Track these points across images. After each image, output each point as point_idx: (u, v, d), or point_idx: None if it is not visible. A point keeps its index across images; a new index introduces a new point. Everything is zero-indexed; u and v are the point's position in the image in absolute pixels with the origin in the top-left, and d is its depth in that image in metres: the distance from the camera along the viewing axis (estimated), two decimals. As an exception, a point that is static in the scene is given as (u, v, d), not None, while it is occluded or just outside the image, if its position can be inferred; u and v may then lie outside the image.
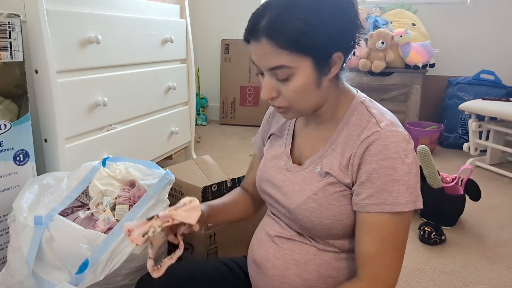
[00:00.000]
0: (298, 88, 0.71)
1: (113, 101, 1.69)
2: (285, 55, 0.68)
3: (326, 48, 0.70)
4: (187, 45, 2.36)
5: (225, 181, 1.33)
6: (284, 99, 0.74)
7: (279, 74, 0.71)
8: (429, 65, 2.94)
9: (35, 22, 1.30)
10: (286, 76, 0.71)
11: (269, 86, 0.73)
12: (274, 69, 0.71)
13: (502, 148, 2.49)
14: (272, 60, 0.70)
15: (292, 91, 0.72)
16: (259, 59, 0.72)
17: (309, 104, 0.75)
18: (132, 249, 1.00)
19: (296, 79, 0.71)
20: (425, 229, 1.67)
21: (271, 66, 0.70)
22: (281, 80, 0.72)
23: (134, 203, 1.15)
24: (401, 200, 0.69)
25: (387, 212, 0.69)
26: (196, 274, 0.92)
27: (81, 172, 1.23)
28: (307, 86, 0.71)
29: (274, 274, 0.82)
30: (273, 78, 0.72)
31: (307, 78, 0.71)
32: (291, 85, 0.71)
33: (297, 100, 0.73)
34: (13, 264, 1.05)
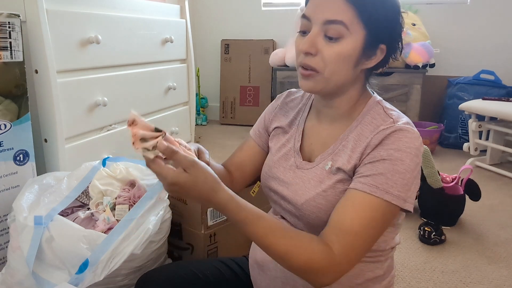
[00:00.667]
0: (341, 53, 0.70)
1: (113, 101, 1.69)
2: (350, 12, 0.69)
3: (381, 32, 0.72)
4: (187, 45, 2.36)
5: (225, 181, 1.33)
6: (321, 61, 0.71)
7: (331, 30, 0.70)
8: (429, 65, 2.94)
9: (35, 22, 1.30)
10: (337, 35, 0.70)
11: (313, 39, 0.71)
12: (331, 22, 0.69)
13: (502, 148, 2.49)
14: (335, 13, 0.69)
15: (335, 53, 0.70)
16: (318, 9, 0.70)
17: (339, 78, 0.73)
18: (132, 249, 1.01)
19: (344, 43, 0.70)
20: (425, 229, 1.67)
21: (331, 19, 0.69)
22: (329, 38, 0.70)
23: (134, 203, 1.15)
24: (393, 191, 0.68)
25: (375, 196, 0.68)
26: (196, 274, 0.92)
27: (81, 172, 1.23)
28: (349, 56, 0.71)
29: (277, 276, 0.82)
30: (320, 35, 0.71)
31: (353, 49, 0.71)
32: (336, 47, 0.70)
33: (333, 66, 0.71)
34: (13, 264, 1.05)
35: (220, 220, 1.32)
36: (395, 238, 0.84)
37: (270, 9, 3.62)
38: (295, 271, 0.69)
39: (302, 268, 0.67)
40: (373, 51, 0.74)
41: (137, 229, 1.05)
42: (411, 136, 0.70)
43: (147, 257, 1.11)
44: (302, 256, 0.66)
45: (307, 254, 0.67)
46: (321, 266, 0.66)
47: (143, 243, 1.03)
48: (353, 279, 0.79)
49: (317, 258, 0.66)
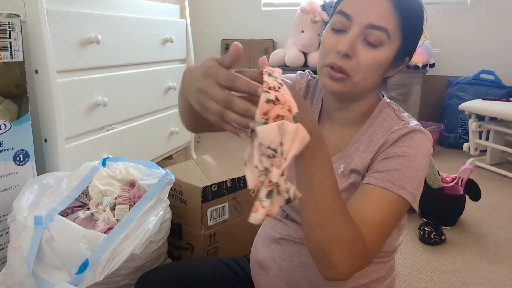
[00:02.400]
0: (377, 60, 0.69)
1: (113, 101, 1.69)
2: (394, 22, 0.68)
3: (411, 45, 0.72)
4: (187, 45, 2.36)
5: (225, 181, 1.33)
6: (356, 65, 0.69)
7: (372, 36, 0.68)
8: (429, 65, 2.93)
9: (35, 22, 1.30)
10: (378, 42, 0.68)
11: (353, 41, 0.68)
12: (375, 28, 0.67)
13: (502, 148, 2.49)
14: (381, 18, 0.67)
15: (371, 59, 0.69)
16: (365, 9, 0.67)
17: (367, 84, 0.72)
18: (132, 249, 1.00)
19: (382, 50, 0.69)
20: (425, 229, 1.67)
21: (376, 24, 0.67)
22: (368, 43, 0.69)
23: (134, 203, 1.15)
24: (408, 187, 0.67)
25: (391, 191, 0.66)
26: (196, 274, 0.92)
27: (81, 172, 1.23)
28: (382, 65, 0.71)
29: (280, 276, 0.81)
30: (359, 37, 0.68)
31: (388, 57, 0.71)
32: (374, 54, 0.69)
33: (366, 72, 0.70)
34: (13, 264, 1.05)
35: (220, 220, 1.32)
36: (398, 239, 0.84)
37: (270, 9, 3.62)
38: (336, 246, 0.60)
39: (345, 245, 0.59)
40: (401, 62, 0.74)
41: (137, 229, 1.05)
42: (423, 136, 0.71)
43: (147, 257, 1.11)
44: (350, 232, 0.60)
45: (354, 233, 0.60)
46: (359, 251, 0.61)
47: (143, 243, 1.03)
48: (358, 280, 0.79)
49: (360, 241, 0.61)
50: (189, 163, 1.47)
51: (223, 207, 1.34)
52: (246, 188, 1.41)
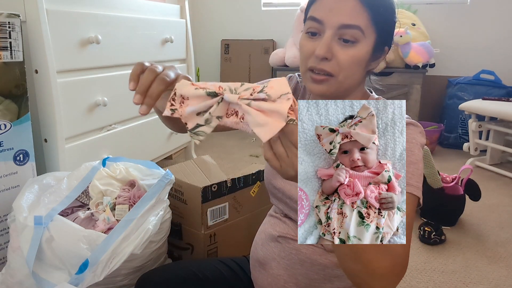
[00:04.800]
0: (356, 56, 0.70)
1: (113, 101, 1.69)
2: (365, 17, 0.69)
3: (387, 35, 0.73)
4: (187, 45, 2.36)
5: (225, 181, 1.33)
6: (336, 65, 0.70)
7: (347, 34, 0.69)
8: (429, 65, 2.94)
9: (35, 22, 1.30)
10: (353, 39, 0.69)
11: (329, 44, 0.69)
12: (346, 27, 0.68)
13: (502, 148, 2.49)
14: (352, 18, 0.68)
15: (350, 57, 0.70)
16: (333, 12, 0.69)
17: (351, 81, 0.74)
18: (132, 249, 1.00)
19: (359, 47, 0.70)
20: (425, 229, 1.67)
21: (346, 23, 0.68)
22: (345, 42, 0.69)
23: (134, 203, 1.15)
24: (413, 182, 0.68)
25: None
26: (196, 274, 0.92)
27: (81, 172, 1.23)
28: (362, 60, 0.72)
29: (280, 273, 0.82)
30: (334, 39, 0.70)
31: (367, 52, 0.71)
32: (352, 51, 0.70)
33: (348, 69, 0.71)
34: (13, 264, 1.05)
35: (220, 220, 1.32)
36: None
37: (270, 9, 3.62)
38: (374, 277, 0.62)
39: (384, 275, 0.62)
40: (380, 54, 0.75)
41: (137, 229, 1.05)
42: (414, 129, 0.72)
43: (147, 257, 1.11)
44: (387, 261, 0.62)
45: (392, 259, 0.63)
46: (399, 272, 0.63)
47: (143, 243, 1.03)
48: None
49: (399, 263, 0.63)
50: (189, 163, 1.47)
51: (223, 207, 1.34)
52: (246, 188, 1.41)
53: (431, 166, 1.79)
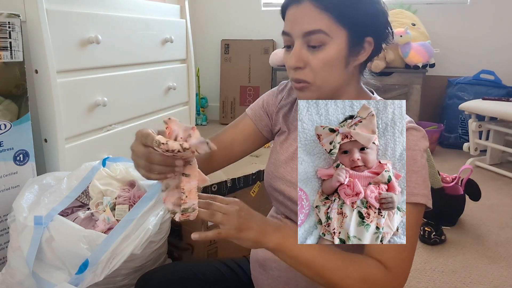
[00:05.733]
0: (327, 59, 0.71)
1: (113, 101, 1.69)
2: (325, 19, 0.69)
3: (362, 27, 0.71)
4: (187, 45, 2.36)
5: (225, 181, 1.33)
6: (310, 72, 0.72)
7: (312, 40, 0.70)
8: (429, 65, 2.94)
9: (35, 22, 1.30)
10: (320, 43, 0.70)
11: (298, 54, 0.72)
12: (310, 33, 0.70)
13: (502, 148, 2.49)
14: (311, 23, 0.69)
15: (321, 61, 0.71)
16: (296, 23, 0.71)
17: (332, 83, 0.74)
18: (132, 249, 1.00)
19: (328, 49, 0.70)
20: (425, 229, 1.67)
21: (308, 30, 0.70)
22: (313, 48, 0.71)
23: (134, 203, 1.15)
24: (418, 191, 0.68)
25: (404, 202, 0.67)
26: (196, 274, 0.92)
27: (81, 172, 1.23)
28: (336, 60, 0.71)
29: (280, 275, 0.81)
30: (303, 47, 0.72)
31: (339, 51, 0.71)
32: (321, 55, 0.71)
33: (322, 73, 0.72)
34: (13, 264, 1.05)
35: (220, 220, 1.32)
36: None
37: (270, 9, 3.62)
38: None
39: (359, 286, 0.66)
40: (360, 47, 0.73)
41: (137, 229, 1.05)
42: (417, 134, 0.72)
43: (147, 257, 1.11)
44: (357, 272, 0.66)
45: (362, 270, 0.67)
46: (377, 280, 0.66)
47: (143, 243, 1.03)
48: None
49: (371, 274, 0.66)
50: (189, 163, 1.47)
51: (223, 207, 1.33)
52: (246, 188, 1.41)
53: (431, 166, 1.79)
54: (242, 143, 0.93)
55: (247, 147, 0.93)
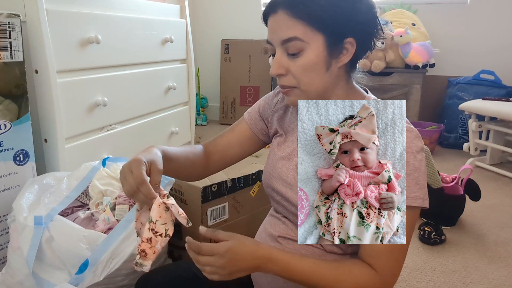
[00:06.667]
0: (307, 64, 0.71)
1: (113, 101, 1.69)
2: (299, 26, 0.69)
3: (340, 29, 0.71)
4: (187, 45, 2.36)
5: (225, 181, 1.33)
6: (292, 78, 0.74)
7: (290, 47, 0.71)
8: (429, 65, 2.94)
9: (35, 22, 1.30)
10: (297, 50, 0.71)
11: (279, 62, 0.73)
12: (287, 41, 0.71)
13: (502, 148, 2.49)
14: (286, 31, 0.70)
15: (301, 67, 0.72)
16: (273, 32, 0.73)
17: (316, 86, 0.74)
18: (132, 249, 1.01)
19: (306, 55, 0.71)
20: (425, 229, 1.67)
21: (284, 38, 0.71)
22: (292, 55, 0.72)
23: (134, 203, 1.15)
24: (409, 194, 0.69)
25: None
26: (196, 274, 0.92)
27: (81, 172, 1.23)
28: (316, 64, 0.72)
29: None
30: (284, 55, 0.73)
31: (317, 56, 0.71)
32: (300, 61, 0.71)
33: (304, 78, 0.73)
34: (13, 264, 1.05)
35: (220, 220, 1.32)
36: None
37: (270, 9, 3.61)
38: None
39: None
40: (340, 48, 0.73)
41: (137, 229, 1.05)
42: (409, 135, 0.71)
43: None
44: (348, 282, 0.69)
45: (353, 279, 0.70)
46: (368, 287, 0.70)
47: (143, 243, 1.03)
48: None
49: (363, 281, 0.70)
50: (189, 163, 1.47)
51: (223, 207, 1.34)
52: (246, 188, 1.41)
53: (431, 166, 1.79)
54: (239, 146, 0.95)
55: (243, 150, 0.95)
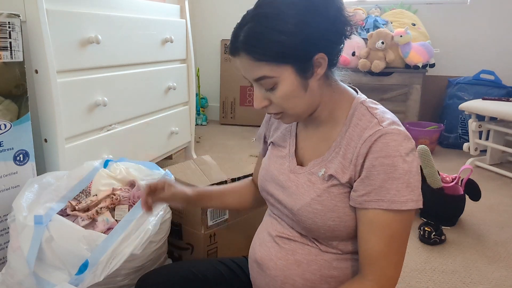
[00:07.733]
0: (284, 95, 0.73)
1: (113, 101, 1.69)
2: (264, 66, 0.70)
3: (304, 52, 0.70)
4: (187, 45, 2.36)
5: (225, 181, 1.33)
6: (276, 106, 0.76)
7: (264, 84, 0.73)
8: (429, 65, 2.94)
9: (35, 22, 1.30)
10: (271, 85, 0.72)
11: (259, 96, 0.76)
12: (258, 80, 0.73)
13: (502, 148, 2.49)
14: (254, 72, 0.72)
15: (280, 98, 0.73)
16: (244, 71, 0.74)
17: (302, 108, 0.76)
18: (132, 249, 1.01)
19: (281, 87, 0.72)
20: (425, 229, 1.67)
21: (255, 78, 0.73)
22: (268, 89, 0.74)
23: (134, 203, 1.15)
24: (399, 198, 0.68)
25: (385, 209, 0.69)
26: (196, 274, 0.92)
27: (81, 172, 1.23)
28: (293, 91, 0.73)
29: (276, 274, 0.82)
30: (261, 88, 0.75)
31: (291, 84, 0.72)
32: (277, 93, 0.73)
33: (287, 105, 0.75)
34: (13, 264, 1.05)
35: (220, 220, 1.32)
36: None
37: (270, 9, 3.61)
38: None
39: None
40: (312, 67, 0.72)
41: (137, 230, 1.05)
42: (396, 138, 0.69)
43: (147, 257, 1.11)
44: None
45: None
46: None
47: (143, 243, 1.03)
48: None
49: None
50: (189, 163, 1.47)
51: (223, 207, 1.33)
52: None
53: (431, 166, 1.79)
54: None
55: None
